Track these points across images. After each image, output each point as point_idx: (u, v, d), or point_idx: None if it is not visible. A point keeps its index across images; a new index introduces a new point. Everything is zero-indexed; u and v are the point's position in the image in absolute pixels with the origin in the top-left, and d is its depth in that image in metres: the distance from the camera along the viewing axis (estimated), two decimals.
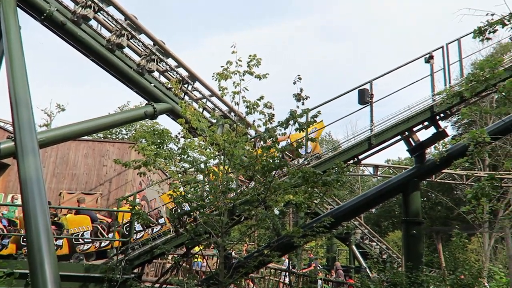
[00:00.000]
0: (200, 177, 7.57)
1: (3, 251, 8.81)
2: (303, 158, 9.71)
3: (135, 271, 9.41)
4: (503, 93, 5.36)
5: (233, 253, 13.80)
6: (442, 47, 10.18)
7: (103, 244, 9.49)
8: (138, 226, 9.38)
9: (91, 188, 13.61)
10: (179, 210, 7.38)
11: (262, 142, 6.92)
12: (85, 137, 13.25)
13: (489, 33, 6.30)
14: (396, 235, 38.52)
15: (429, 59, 10.10)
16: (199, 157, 7.30)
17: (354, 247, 20.02)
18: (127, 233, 8.90)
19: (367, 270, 18.18)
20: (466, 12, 6.17)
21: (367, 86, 10.05)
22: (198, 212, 7.13)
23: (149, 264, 12.90)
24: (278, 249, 8.74)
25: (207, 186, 7.00)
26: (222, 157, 7.20)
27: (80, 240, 9.24)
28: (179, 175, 7.23)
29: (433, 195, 39.97)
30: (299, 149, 7.23)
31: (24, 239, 8.56)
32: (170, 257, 12.98)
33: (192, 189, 6.96)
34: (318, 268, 15.65)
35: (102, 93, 65.04)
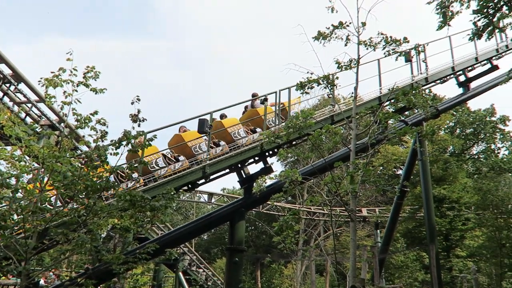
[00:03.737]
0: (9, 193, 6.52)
1: None
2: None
3: None
4: (311, 141, 6.38)
5: (42, 282, 12.14)
6: (275, 92, 11.44)
7: None
8: None
9: None
10: None
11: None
12: None
13: (307, 88, 7.55)
14: (224, 262, 40.11)
15: (264, 101, 11.20)
16: (9, 170, 6.32)
17: (181, 274, 19.94)
18: None
19: None
20: (292, 67, 7.21)
21: (208, 117, 10.48)
22: None
23: None
24: (96, 277, 8.11)
25: (14, 204, 6.05)
26: (40, 171, 6.40)
27: None
28: None
29: (260, 224, 43.40)
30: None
31: None
32: None
33: None
34: None
35: None
